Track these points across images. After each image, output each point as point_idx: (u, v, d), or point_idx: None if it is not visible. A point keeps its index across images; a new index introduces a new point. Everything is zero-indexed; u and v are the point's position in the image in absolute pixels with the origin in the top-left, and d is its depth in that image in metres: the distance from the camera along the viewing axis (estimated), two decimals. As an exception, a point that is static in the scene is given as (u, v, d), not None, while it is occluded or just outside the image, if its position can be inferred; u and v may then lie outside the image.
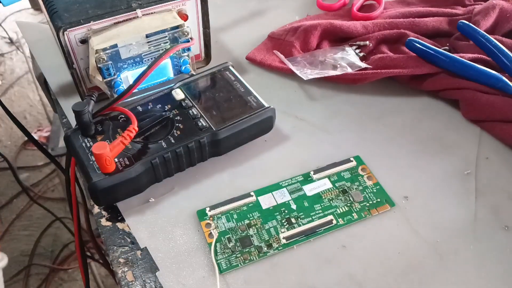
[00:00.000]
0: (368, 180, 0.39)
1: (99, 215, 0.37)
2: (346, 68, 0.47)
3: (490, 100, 0.43)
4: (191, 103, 0.41)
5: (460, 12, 0.54)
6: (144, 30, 0.41)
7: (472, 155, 0.41)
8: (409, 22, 0.51)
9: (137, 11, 0.41)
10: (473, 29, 0.48)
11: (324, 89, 0.48)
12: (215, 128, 0.39)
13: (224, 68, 0.44)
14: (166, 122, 0.39)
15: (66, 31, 0.39)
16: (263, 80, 0.49)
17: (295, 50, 0.50)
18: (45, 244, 1.22)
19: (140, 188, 0.38)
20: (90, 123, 0.38)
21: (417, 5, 0.57)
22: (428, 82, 0.46)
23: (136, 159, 0.36)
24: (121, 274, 0.33)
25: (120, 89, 0.42)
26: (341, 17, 0.56)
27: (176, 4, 0.43)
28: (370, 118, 0.45)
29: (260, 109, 0.40)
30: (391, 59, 0.47)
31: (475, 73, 0.44)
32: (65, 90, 0.48)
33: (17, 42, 1.84)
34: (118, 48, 0.40)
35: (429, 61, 0.46)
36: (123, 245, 0.35)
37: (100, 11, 0.40)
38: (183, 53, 0.44)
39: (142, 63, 0.42)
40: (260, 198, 0.38)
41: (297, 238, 0.35)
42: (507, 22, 0.51)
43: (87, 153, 0.37)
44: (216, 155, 0.40)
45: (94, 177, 0.35)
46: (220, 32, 0.55)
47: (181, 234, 0.36)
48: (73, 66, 0.42)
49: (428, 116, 0.45)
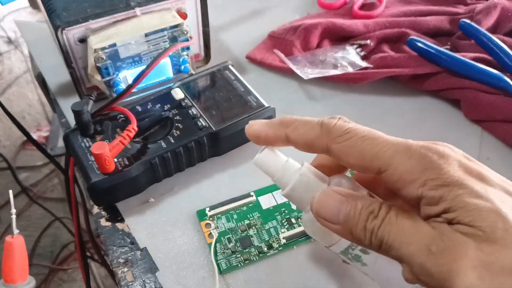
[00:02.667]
0: (369, 180, 0.39)
1: (98, 215, 0.37)
2: (347, 68, 0.46)
3: (491, 100, 0.42)
4: (190, 102, 0.41)
5: (461, 11, 0.54)
6: (143, 29, 0.40)
7: (473, 155, 0.40)
8: (410, 21, 0.51)
9: (136, 10, 0.41)
10: (474, 28, 0.48)
11: (325, 89, 0.48)
12: (215, 127, 0.38)
13: (223, 67, 0.44)
14: (166, 122, 0.39)
15: (65, 30, 0.39)
16: (263, 79, 0.49)
17: (296, 49, 0.50)
18: (44, 244, 1.22)
19: (139, 188, 0.37)
20: (89, 122, 0.38)
21: (419, 3, 0.57)
22: (429, 82, 0.46)
23: (135, 159, 0.36)
24: (120, 275, 0.33)
25: (119, 89, 0.42)
26: (342, 16, 0.55)
27: (175, 3, 0.42)
28: (371, 118, 0.45)
29: (260, 109, 0.40)
30: (392, 58, 0.46)
31: (476, 72, 0.44)
32: (64, 90, 0.48)
33: (16, 41, 1.84)
34: (117, 47, 0.40)
35: (430, 61, 0.46)
36: (122, 245, 0.35)
37: (98, 10, 0.40)
38: (183, 52, 0.44)
39: (141, 62, 0.42)
40: (260, 198, 0.38)
41: (297, 238, 0.35)
42: (509, 21, 0.51)
43: (86, 153, 0.37)
44: (216, 155, 0.40)
45: (94, 177, 0.35)
46: (219, 31, 0.55)
47: (181, 234, 0.36)
48: (72, 65, 0.42)
49: (429, 116, 0.45)
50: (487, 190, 0.21)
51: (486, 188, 0.21)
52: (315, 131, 0.25)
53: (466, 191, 0.21)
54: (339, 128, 0.25)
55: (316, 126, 0.26)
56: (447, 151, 0.23)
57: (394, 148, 0.23)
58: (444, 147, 0.23)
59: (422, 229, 0.22)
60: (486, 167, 0.23)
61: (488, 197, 0.21)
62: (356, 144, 0.24)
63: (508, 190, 0.22)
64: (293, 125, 0.27)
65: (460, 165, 0.22)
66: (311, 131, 0.26)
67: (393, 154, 0.23)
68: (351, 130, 0.24)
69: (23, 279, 0.24)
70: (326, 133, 0.25)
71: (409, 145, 0.23)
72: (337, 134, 0.25)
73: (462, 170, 0.22)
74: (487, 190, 0.21)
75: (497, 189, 0.22)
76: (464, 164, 0.22)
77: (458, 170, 0.22)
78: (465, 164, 0.22)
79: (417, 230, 0.22)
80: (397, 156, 0.23)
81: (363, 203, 0.23)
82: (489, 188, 0.21)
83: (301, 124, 0.26)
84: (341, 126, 0.25)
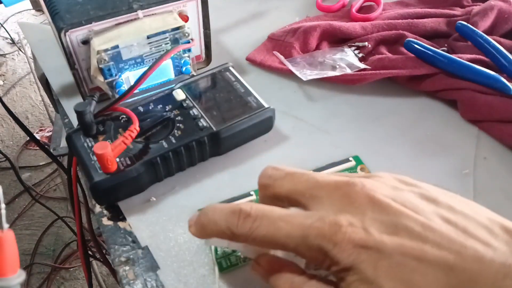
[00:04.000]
0: (367, 179, 0.39)
1: (100, 214, 0.38)
2: (345, 69, 0.47)
3: (488, 100, 0.43)
4: (191, 103, 0.41)
5: (458, 13, 0.54)
6: (145, 31, 0.41)
7: (470, 155, 0.41)
8: (408, 23, 0.52)
9: (138, 12, 0.41)
10: (471, 30, 0.48)
11: (324, 90, 0.48)
12: (216, 128, 0.39)
13: (224, 69, 0.45)
14: (167, 122, 0.40)
15: (68, 32, 0.39)
16: (263, 80, 0.50)
17: (295, 51, 0.50)
18: (46, 243, 1.23)
19: (141, 188, 0.38)
20: (92, 123, 0.38)
21: (416, 6, 0.58)
22: (427, 83, 0.46)
23: (137, 158, 0.37)
24: (122, 273, 0.34)
25: (122, 90, 0.42)
26: (340, 18, 0.56)
27: (177, 5, 0.43)
28: (369, 119, 0.45)
29: (260, 109, 0.41)
30: (390, 60, 0.47)
31: (473, 73, 0.44)
32: (67, 91, 0.48)
33: (19, 42, 1.85)
34: (120, 49, 0.41)
35: (427, 62, 0.46)
36: (124, 244, 0.36)
37: (101, 12, 0.40)
38: (184, 54, 0.44)
39: (143, 64, 0.43)
40: (260, 198, 0.38)
41: (296, 237, 0.36)
42: (505, 23, 0.51)
43: (89, 153, 0.37)
44: (217, 155, 0.41)
45: (96, 177, 0.35)
46: (220, 33, 0.56)
47: (182, 233, 0.36)
48: (75, 66, 0.42)
49: (426, 117, 0.45)
50: (379, 268, 0.22)
51: (378, 266, 0.22)
52: (223, 227, 0.27)
53: (359, 277, 0.22)
54: (241, 230, 0.26)
55: (222, 221, 0.27)
56: (342, 231, 0.23)
57: (294, 241, 0.24)
58: (340, 227, 0.23)
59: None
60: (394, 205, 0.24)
61: (377, 281, 0.22)
62: (261, 244, 0.26)
63: (406, 249, 0.22)
64: (206, 223, 0.28)
65: (355, 244, 0.23)
66: (221, 225, 0.27)
67: (296, 246, 0.24)
68: (251, 235, 0.26)
69: (13, 272, 0.24)
70: (232, 234, 0.27)
71: (306, 234, 0.24)
72: (239, 235, 0.26)
73: (357, 249, 0.22)
74: (378, 269, 0.22)
75: (392, 257, 0.22)
76: (361, 240, 0.23)
77: (352, 253, 0.22)
78: (362, 240, 0.23)
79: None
80: (299, 247, 0.24)
81: (274, 283, 0.27)
82: (383, 264, 0.22)
83: (212, 218, 0.28)
84: (242, 228, 0.26)
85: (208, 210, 0.28)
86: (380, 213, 0.23)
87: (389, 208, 0.23)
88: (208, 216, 0.28)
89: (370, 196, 0.24)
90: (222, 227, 0.27)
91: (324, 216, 0.24)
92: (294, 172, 0.28)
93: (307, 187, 0.26)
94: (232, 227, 0.26)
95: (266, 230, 0.25)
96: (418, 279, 0.21)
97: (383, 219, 0.23)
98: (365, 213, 0.23)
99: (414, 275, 0.21)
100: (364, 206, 0.24)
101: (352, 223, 0.23)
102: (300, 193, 0.26)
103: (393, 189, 0.25)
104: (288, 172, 0.28)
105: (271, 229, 0.25)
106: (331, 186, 0.25)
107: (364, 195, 0.24)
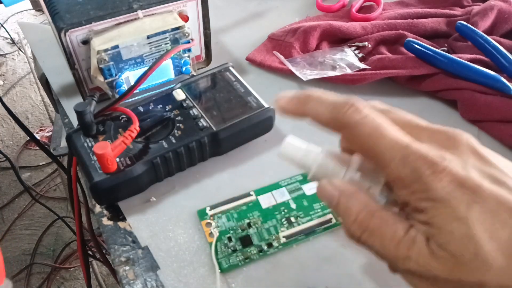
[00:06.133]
0: (367, 179, 0.39)
1: (100, 214, 0.38)
2: (345, 69, 0.47)
3: (488, 100, 0.43)
4: (191, 103, 0.41)
5: (458, 13, 0.54)
6: (145, 31, 0.41)
7: None
8: (408, 23, 0.52)
9: (138, 12, 0.41)
10: (471, 30, 0.48)
11: (323, 90, 0.48)
12: (216, 128, 0.39)
13: (224, 68, 0.45)
14: (167, 122, 0.40)
15: (68, 32, 0.39)
16: (263, 80, 0.50)
17: (295, 51, 0.50)
18: (46, 243, 1.23)
19: (141, 188, 0.38)
20: (92, 123, 0.38)
21: (416, 6, 0.58)
22: (427, 83, 0.46)
23: (137, 158, 0.37)
24: (122, 273, 0.34)
25: (122, 90, 0.42)
26: (340, 18, 0.56)
27: (177, 5, 0.43)
28: (369, 118, 0.45)
29: (260, 109, 0.41)
30: (390, 60, 0.47)
31: (473, 73, 0.44)
32: (67, 91, 0.48)
33: (19, 42, 1.85)
34: (120, 49, 0.41)
35: (427, 62, 0.46)
36: (124, 244, 0.36)
37: (101, 12, 0.40)
38: (184, 54, 0.44)
39: (143, 63, 0.43)
40: (260, 198, 0.38)
41: (296, 237, 0.36)
42: (505, 23, 0.51)
43: (89, 153, 0.37)
44: (217, 155, 0.41)
45: (96, 177, 0.36)
46: (220, 33, 0.56)
47: (182, 233, 0.36)
48: (75, 66, 0.42)
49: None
50: (471, 208, 0.21)
51: (471, 206, 0.21)
52: (327, 115, 0.26)
53: (447, 211, 0.22)
54: (348, 118, 0.25)
55: (329, 109, 0.26)
56: (444, 164, 0.22)
57: (393, 154, 0.23)
58: (443, 160, 0.23)
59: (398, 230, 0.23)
60: (494, 170, 0.23)
61: (466, 219, 0.21)
62: (360, 139, 0.25)
63: (503, 199, 0.22)
64: (310, 104, 0.27)
65: (453, 179, 0.22)
66: (325, 113, 0.26)
67: (391, 159, 0.23)
68: (358, 125, 0.25)
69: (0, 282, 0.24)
70: (335, 119, 0.26)
71: (408, 153, 0.23)
72: (344, 122, 0.25)
73: (453, 184, 0.22)
74: (470, 209, 0.21)
75: (486, 203, 0.22)
76: (460, 177, 0.22)
77: (447, 186, 0.22)
78: (461, 177, 0.22)
79: (393, 230, 0.23)
80: (393, 162, 0.23)
81: (346, 205, 0.25)
82: (475, 207, 0.21)
83: (317, 104, 0.27)
84: (350, 117, 0.25)
85: (315, 90, 0.28)
86: (482, 163, 0.23)
87: (491, 162, 0.23)
88: (314, 93, 0.27)
89: (473, 147, 0.24)
90: (328, 107, 0.26)
91: (431, 148, 0.23)
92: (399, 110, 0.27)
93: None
94: (340, 112, 0.25)
95: (373, 131, 0.24)
96: (507, 233, 0.21)
97: (485, 169, 0.23)
98: (468, 159, 0.23)
99: (504, 227, 0.21)
100: (467, 153, 0.23)
101: (454, 160, 0.23)
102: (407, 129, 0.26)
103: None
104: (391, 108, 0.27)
105: (377, 132, 0.24)
106: (434, 129, 0.25)
107: (468, 143, 0.24)
